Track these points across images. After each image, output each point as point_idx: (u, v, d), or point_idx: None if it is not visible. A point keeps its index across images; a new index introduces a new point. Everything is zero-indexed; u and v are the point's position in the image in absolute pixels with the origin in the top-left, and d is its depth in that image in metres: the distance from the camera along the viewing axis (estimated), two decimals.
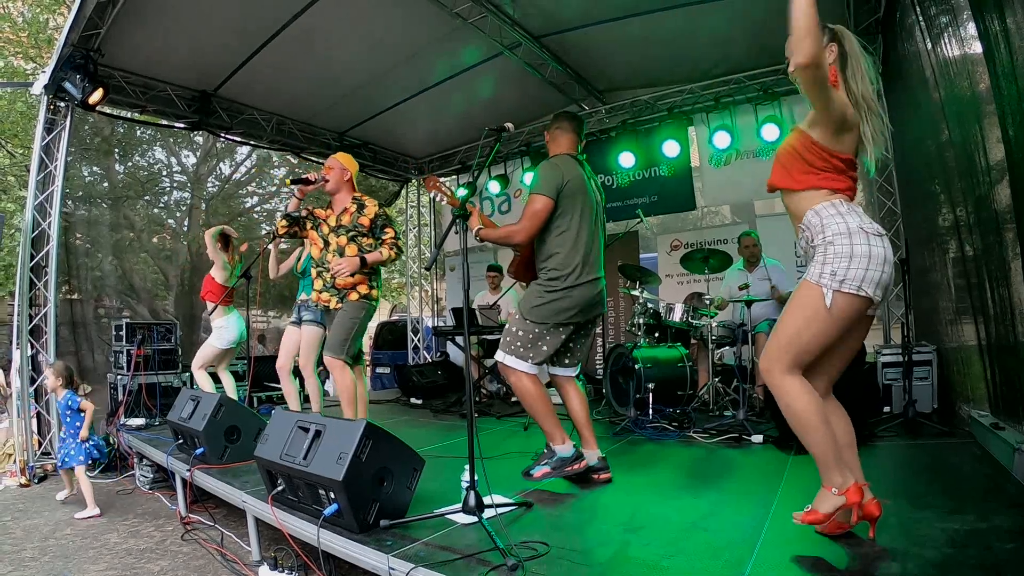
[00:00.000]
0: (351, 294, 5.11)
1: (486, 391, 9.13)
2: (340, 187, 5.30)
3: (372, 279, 5.21)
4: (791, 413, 2.75)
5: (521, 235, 4.12)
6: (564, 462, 4.11)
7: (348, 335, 5.10)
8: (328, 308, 5.22)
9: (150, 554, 4.52)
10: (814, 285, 2.71)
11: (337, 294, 5.13)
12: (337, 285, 5.09)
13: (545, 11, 7.54)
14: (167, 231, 16.48)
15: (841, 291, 2.65)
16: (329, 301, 5.18)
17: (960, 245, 5.25)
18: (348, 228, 5.16)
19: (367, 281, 5.16)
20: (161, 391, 7.97)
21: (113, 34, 7.05)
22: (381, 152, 12.02)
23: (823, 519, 2.76)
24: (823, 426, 2.71)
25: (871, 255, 2.64)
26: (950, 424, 5.65)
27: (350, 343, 5.13)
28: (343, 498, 3.18)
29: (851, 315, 2.71)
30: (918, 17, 5.43)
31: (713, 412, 6.81)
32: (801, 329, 2.74)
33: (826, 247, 2.70)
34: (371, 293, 5.20)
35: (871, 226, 2.68)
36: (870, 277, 2.64)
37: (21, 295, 7.45)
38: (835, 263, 2.66)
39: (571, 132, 4.41)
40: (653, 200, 10.28)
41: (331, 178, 5.25)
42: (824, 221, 2.74)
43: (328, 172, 5.28)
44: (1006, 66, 3.31)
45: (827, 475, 2.77)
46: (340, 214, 5.22)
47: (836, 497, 2.75)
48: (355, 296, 5.12)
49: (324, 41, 7.92)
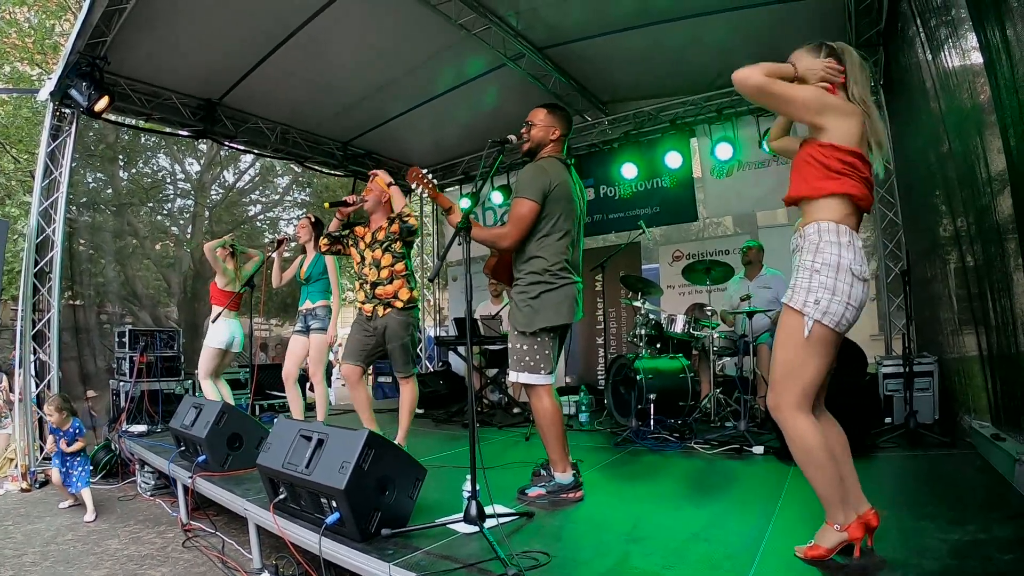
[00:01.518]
0: (395, 302, 5.26)
1: (488, 401, 9.11)
2: (378, 208, 5.46)
3: (410, 281, 5.33)
4: (798, 449, 2.73)
5: (508, 240, 4.04)
6: (561, 488, 4.09)
7: (409, 353, 5.36)
8: (372, 317, 5.34)
9: (151, 560, 4.52)
10: (796, 312, 2.72)
11: (380, 302, 5.28)
12: (378, 295, 5.26)
13: (548, 23, 7.58)
14: (170, 238, 16.52)
15: (822, 322, 2.66)
16: (373, 310, 5.31)
17: (961, 256, 5.25)
18: (382, 241, 5.30)
19: (406, 285, 5.30)
20: (163, 398, 7.98)
21: (119, 42, 7.11)
22: (385, 162, 12.02)
23: (825, 555, 2.76)
24: (829, 464, 2.70)
25: (851, 296, 2.67)
26: (951, 435, 5.63)
27: (413, 357, 5.42)
28: (345, 507, 3.19)
29: (834, 342, 2.74)
30: (919, 29, 5.45)
31: (714, 423, 6.80)
32: (792, 359, 2.75)
33: (812, 274, 2.69)
34: (412, 296, 5.34)
35: (860, 268, 2.68)
36: (847, 317, 2.68)
37: (25, 300, 7.47)
38: (819, 293, 2.67)
39: (564, 134, 4.26)
40: (655, 211, 10.29)
41: (370, 199, 5.42)
42: (820, 244, 2.72)
43: (368, 193, 5.44)
44: (1007, 77, 3.32)
45: (831, 511, 2.77)
46: (376, 231, 5.38)
47: (839, 533, 2.75)
48: (399, 304, 5.26)
49: (329, 51, 7.96)
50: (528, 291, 4.03)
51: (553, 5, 7.19)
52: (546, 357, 4.03)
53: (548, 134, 4.20)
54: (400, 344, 5.30)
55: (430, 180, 4.26)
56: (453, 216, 4.03)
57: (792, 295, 2.75)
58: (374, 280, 5.29)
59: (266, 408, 9.44)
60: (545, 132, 4.20)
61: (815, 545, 2.78)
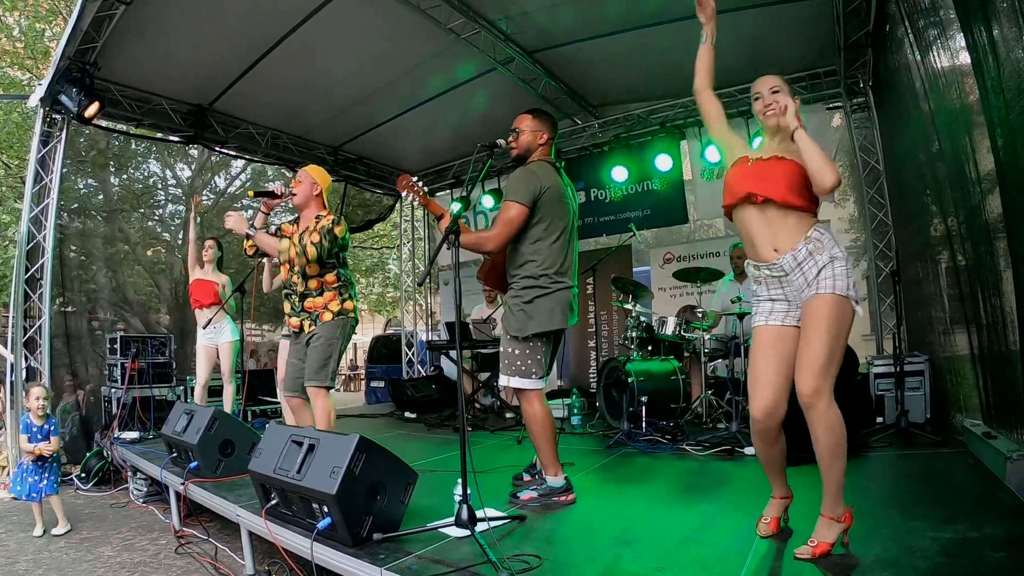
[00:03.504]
0: (324, 315, 4.76)
1: (480, 405, 9.11)
2: (308, 202, 4.89)
3: (342, 292, 4.84)
4: (835, 436, 2.78)
5: (493, 242, 4.01)
6: (553, 491, 4.10)
7: (327, 359, 4.73)
8: (299, 331, 4.89)
9: (144, 567, 4.51)
10: (844, 299, 2.81)
11: (308, 316, 4.81)
12: (306, 308, 4.79)
13: (538, 27, 7.58)
14: (162, 244, 16.48)
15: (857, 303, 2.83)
16: (300, 325, 4.87)
17: (952, 255, 5.26)
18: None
19: (336, 297, 4.81)
20: (155, 404, 7.96)
21: (109, 48, 7.09)
22: (375, 166, 12.06)
23: (829, 549, 2.79)
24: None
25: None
26: (943, 434, 5.65)
27: (332, 367, 4.77)
28: (336, 512, 3.18)
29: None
30: (907, 30, 5.47)
31: (706, 425, 6.80)
32: (838, 346, 2.81)
33: (835, 263, 2.81)
34: (344, 307, 4.82)
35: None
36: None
37: (16, 307, 7.44)
38: (850, 279, 2.83)
39: (551, 137, 4.26)
40: (646, 214, 10.34)
41: (299, 191, 4.85)
42: (827, 240, 2.88)
43: (296, 185, 4.89)
44: (994, 77, 3.34)
45: (839, 503, 2.82)
46: (303, 231, 4.76)
47: (840, 524, 2.81)
48: (328, 316, 4.76)
49: (319, 56, 7.96)
50: (522, 295, 4.02)
51: (543, 9, 7.20)
52: (538, 362, 4.03)
53: (536, 139, 4.21)
54: (321, 343, 4.74)
55: (420, 188, 4.25)
56: (444, 222, 3.93)
57: (830, 283, 2.82)
58: (302, 291, 4.82)
59: (258, 414, 9.43)
60: (533, 137, 4.21)
61: (820, 543, 2.79)
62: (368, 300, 28.32)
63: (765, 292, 3.06)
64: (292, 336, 4.98)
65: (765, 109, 3.16)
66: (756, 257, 3.03)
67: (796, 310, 2.96)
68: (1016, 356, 3.76)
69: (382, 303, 28.00)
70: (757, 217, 3.01)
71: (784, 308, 2.98)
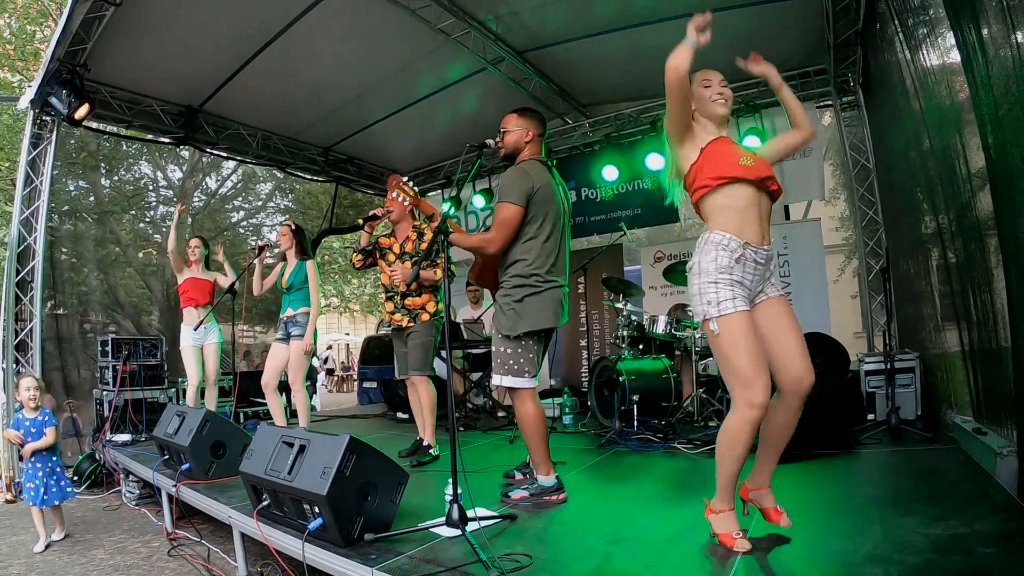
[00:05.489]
0: (422, 315, 5.71)
1: (472, 405, 9.10)
2: (403, 217, 5.86)
3: (437, 296, 5.76)
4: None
5: (495, 245, 4.00)
6: (544, 491, 4.10)
7: (428, 354, 5.76)
8: (401, 327, 5.80)
9: (136, 570, 4.50)
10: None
11: (408, 314, 5.73)
12: (407, 305, 5.70)
13: (528, 27, 7.59)
14: (153, 246, 16.40)
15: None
16: (401, 321, 5.77)
17: (943, 252, 5.28)
18: (411, 255, 5.72)
19: (433, 299, 5.74)
20: (147, 407, 7.91)
21: (99, 50, 7.07)
22: (367, 167, 12.06)
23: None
24: None
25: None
26: (934, 430, 5.67)
27: (430, 360, 5.82)
28: (327, 512, 3.18)
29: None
30: (897, 28, 5.48)
31: (697, 423, 6.80)
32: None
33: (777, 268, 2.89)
34: (438, 309, 5.76)
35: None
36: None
37: (7, 310, 7.42)
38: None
39: (539, 134, 4.25)
40: (637, 213, 10.37)
41: (394, 209, 5.73)
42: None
43: (391, 204, 5.59)
44: (983, 75, 3.35)
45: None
46: (403, 242, 5.83)
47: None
48: (426, 316, 5.71)
49: (309, 56, 7.94)
50: (512, 294, 4.01)
51: (533, 9, 7.21)
52: (530, 361, 4.02)
53: (522, 137, 4.19)
54: (420, 342, 5.71)
55: (411, 188, 4.24)
56: (436, 222, 3.99)
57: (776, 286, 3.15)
58: (403, 291, 5.65)
59: (250, 415, 9.41)
60: (519, 135, 4.20)
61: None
62: (360, 301, 28.27)
63: (740, 274, 2.96)
64: (394, 330, 5.96)
65: (716, 96, 3.19)
66: (751, 238, 2.97)
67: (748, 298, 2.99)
68: (1006, 352, 3.77)
69: (374, 304, 27.92)
70: (759, 202, 3.04)
71: (744, 294, 2.94)
